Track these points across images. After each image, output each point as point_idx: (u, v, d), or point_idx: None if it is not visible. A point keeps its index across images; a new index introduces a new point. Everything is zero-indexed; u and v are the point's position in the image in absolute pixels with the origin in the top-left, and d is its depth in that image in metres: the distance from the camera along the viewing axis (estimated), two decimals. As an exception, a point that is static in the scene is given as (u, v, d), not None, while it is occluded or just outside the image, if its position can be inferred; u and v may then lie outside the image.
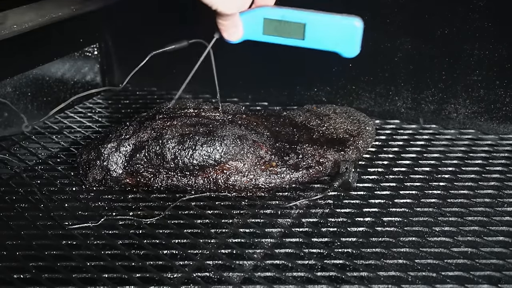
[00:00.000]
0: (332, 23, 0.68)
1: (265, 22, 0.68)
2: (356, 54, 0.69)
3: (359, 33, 0.68)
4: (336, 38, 0.68)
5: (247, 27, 0.69)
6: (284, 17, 0.68)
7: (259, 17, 0.68)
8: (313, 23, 0.68)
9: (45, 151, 0.91)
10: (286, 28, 0.68)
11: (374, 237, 0.69)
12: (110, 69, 1.17)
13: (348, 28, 0.67)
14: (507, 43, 0.89)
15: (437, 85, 0.95)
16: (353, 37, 0.68)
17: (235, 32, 0.68)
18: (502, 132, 0.93)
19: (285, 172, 0.78)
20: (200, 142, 0.76)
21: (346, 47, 0.69)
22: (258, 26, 0.69)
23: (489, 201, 0.76)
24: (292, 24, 0.68)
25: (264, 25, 0.68)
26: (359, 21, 0.68)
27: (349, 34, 0.68)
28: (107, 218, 0.73)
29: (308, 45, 0.69)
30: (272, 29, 0.69)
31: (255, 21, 0.68)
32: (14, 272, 0.64)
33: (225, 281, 0.62)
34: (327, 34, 0.68)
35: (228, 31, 0.68)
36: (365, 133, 0.87)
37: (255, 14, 0.68)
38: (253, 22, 0.69)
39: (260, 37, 0.69)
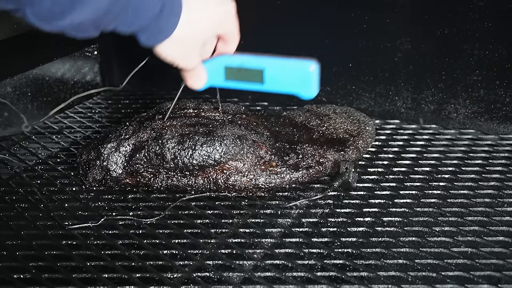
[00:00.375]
0: (289, 68, 0.71)
1: (226, 69, 0.72)
2: (313, 96, 0.71)
3: (314, 76, 0.70)
4: (294, 81, 0.71)
5: (210, 74, 0.72)
6: (243, 64, 0.71)
7: (220, 65, 0.72)
8: (271, 68, 0.71)
9: (45, 151, 0.91)
10: (246, 74, 0.72)
11: (374, 237, 0.69)
12: (110, 69, 1.17)
13: (304, 72, 0.70)
14: (507, 43, 0.89)
15: (437, 85, 0.95)
16: (309, 80, 0.70)
17: (198, 81, 0.72)
18: (502, 132, 0.93)
19: (285, 172, 0.78)
20: (200, 142, 0.76)
21: (303, 89, 0.71)
22: (219, 73, 0.72)
23: (489, 201, 0.76)
24: (251, 71, 0.71)
25: (226, 72, 0.72)
26: (314, 65, 0.70)
27: (305, 77, 0.70)
28: (107, 218, 0.73)
29: (268, 89, 0.72)
30: (233, 75, 0.72)
31: (217, 69, 0.72)
32: (14, 272, 0.64)
33: (225, 281, 0.62)
34: (285, 77, 0.71)
35: (192, 80, 0.72)
36: (365, 133, 0.87)
37: (216, 62, 0.71)
38: (215, 70, 0.72)
39: (223, 83, 0.73)
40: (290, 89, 0.72)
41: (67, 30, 0.56)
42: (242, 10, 0.70)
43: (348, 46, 0.99)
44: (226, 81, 0.73)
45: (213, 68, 0.72)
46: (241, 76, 0.72)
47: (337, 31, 0.99)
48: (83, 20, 0.54)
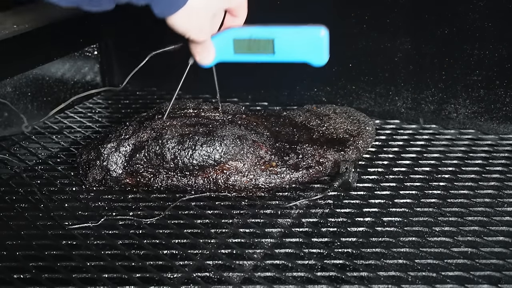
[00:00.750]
0: (299, 35, 0.71)
1: (235, 42, 0.71)
2: (325, 62, 0.72)
3: (325, 41, 0.71)
4: (304, 49, 0.71)
5: (219, 49, 0.72)
6: (252, 35, 0.71)
7: (229, 38, 0.71)
8: (281, 38, 0.71)
9: (45, 151, 0.91)
10: (256, 45, 0.71)
11: (374, 237, 0.69)
12: (110, 69, 1.17)
13: (314, 38, 0.70)
14: (507, 43, 0.88)
15: (437, 85, 0.95)
16: (320, 45, 0.71)
17: (207, 56, 0.72)
18: (502, 132, 0.93)
19: (285, 172, 0.78)
20: (200, 142, 0.76)
21: (314, 56, 0.72)
22: (228, 47, 0.72)
23: (489, 201, 0.76)
24: (261, 41, 0.71)
25: (235, 45, 0.71)
26: (324, 30, 0.70)
27: (316, 44, 0.71)
28: (107, 218, 0.73)
29: (279, 59, 0.72)
30: (242, 48, 0.72)
31: (225, 43, 0.72)
32: (14, 272, 0.64)
33: (225, 281, 0.62)
34: (296, 46, 0.71)
35: (201, 55, 0.72)
36: (365, 133, 0.87)
37: (224, 36, 0.71)
38: (224, 44, 0.72)
39: (232, 57, 0.73)
40: (301, 57, 0.72)
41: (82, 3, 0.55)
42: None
43: (348, 46, 0.99)
44: (235, 54, 0.72)
45: (222, 42, 0.71)
46: (251, 48, 0.71)
47: (337, 31, 0.99)
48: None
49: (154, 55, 0.75)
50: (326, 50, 0.71)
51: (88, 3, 0.55)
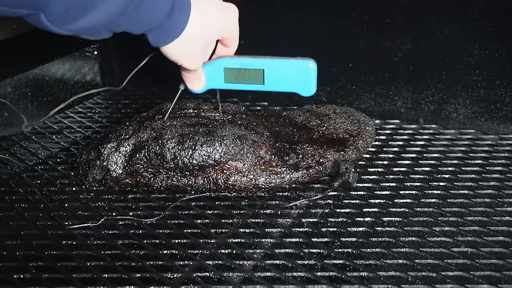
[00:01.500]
0: (289, 67, 0.72)
1: (226, 71, 0.73)
2: (313, 93, 0.74)
3: (313, 73, 0.72)
4: (294, 80, 0.73)
5: (209, 77, 0.74)
6: (243, 65, 0.72)
7: (219, 67, 0.73)
8: (271, 69, 0.72)
9: (45, 151, 0.91)
10: (246, 75, 0.73)
11: (374, 237, 0.69)
12: (110, 69, 1.17)
13: (303, 70, 0.72)
14: (507, 43, 0.88)
15: (437, 85, 0.95)
16: (309, 77, 0.73)
17: (198, 84, 0.74)
18: (502, 132, 0.93)
19: (285, 172, 0.78)
20: (200, 142, 0.76)
21: (303, 87, 0.73)
22: (219, 75, 0.73)
23: (489, 201, 0.76)
24: (251, 71, 0.73)
25: (225, 74, 0.73)
26: (312, 63, 0.72)
27: (305, 76, 0.72)
28: (107, 218, 0.73)
29: (268, 89, 0.74)
30: (232, 77, 0.73)
31: (216, 71, 0.73)
32: (14, 272, 0.64)
33: (225, 281, 0.62)
34: (285, 77, 0.73)
35: (192, 82, 0.74)
36: (365, 133, 0.87)
37: (215, 64, 0.73)
38: (215, 72, 0.73)
39: (222, 85, 0.74)
40: (290, 88, 0.74)
41: (81, 33, 0.56)
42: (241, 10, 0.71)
43: (348, 46, 0.99)
44: (225, 83, 0.74)
45: (213, 70, 0.73)
46: (241, 77, 0.73)
47: (337, 31, 0.99)
48: (96, 23, 0.55)
49: (154, 55, 0.75)
50: (314, 82, 0.73)
51: (85, 33, 0.56)
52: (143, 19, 0.59)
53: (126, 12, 0.56)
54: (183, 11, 0.62)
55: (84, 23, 0.54)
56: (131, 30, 0.60)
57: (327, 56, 1.00)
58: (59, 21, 0.53)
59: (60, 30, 0.54)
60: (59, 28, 0.54)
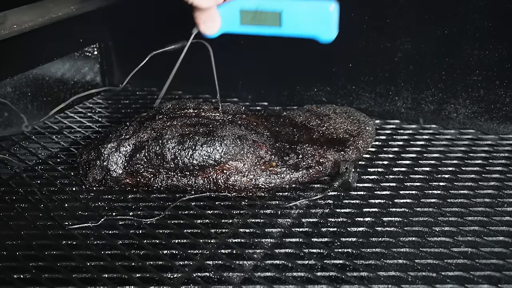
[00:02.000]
0: (307, 9, 0.69)
1: (242, 13, 0.70)
2: (333, 38, 0.70)
3: (334, 16, 0.69)
4: (312, 23, 0.70)
5: (224, 19, 0.70)
6: (260, 6, 0.69)
7: (235, 8, 0.70)
8: (289, 10, 0.69)
9: (45, 151, 0.91)
10: (263, 17, 0.70)
11: (374, 237, 0.69)
12: (110, 69, 1.17)
13: (323, 12, 0.69)
14: (507, 43, 0.88)
15: (437, 85, 0.95)
16: (328, 20, 0.69)
17: (212, 26, 0.69)
18: (502, 132, 0.93)
19: (285, 172, 0.78)
20: (200, 142, 0.76)
21: (322, 31, 0.70)
22: (235, 17, 0.70)
23: (489, 201, 0.76)
24: (268, 13, 0.70)
25: (241, 16, 0.70)
26: (333, 5, 0.69)
27: (324, 18, 0.69)
28: (107, 218, 0.73)
29: (286, 32, 0.70)
30: (249, 19, 0.70)
31: (231, 13, 0.70)
32: (14, 272, 0.64)
33: (225, 281, 0.62)
34: (303, 19, 0.70)
35: (206, 24, 0.69)
36: (365, 133, 0.87)
37: (231, 6, 0.70)
38: (230, 14, 0.70)
39: (238, 28, 0.71)
40: (309, 32, 0.71)
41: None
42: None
43: (348, 46, 0.99)
44: (241, 25, 0.71)
45: (228, 12, 0.70)
46: (258, 19, 0.70)
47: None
48: None
49: (154, 55, 0.75)
50: (335, 25, 0.70)
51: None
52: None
53: None
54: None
55: None
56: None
57: (327, 56, 1.00)
58: None
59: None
60: None
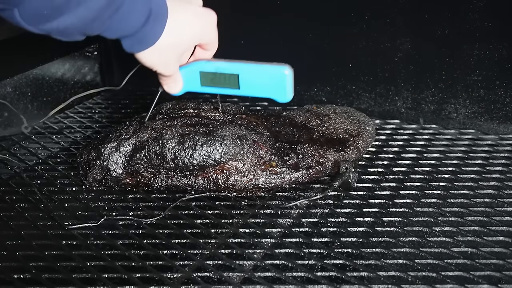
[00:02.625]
0: (263, 72, 0.71)
1: (202, 75, 0.72)
2: (289, 100, 0.72)
3: (289, 80, 0.71)
4: (269, 86, 0.71)
5: (186, 80, 0.73)
6: (218, 69, 0.71)
7: (195, 71, 0.72)
8: (246, 74, 0.71)
9: (45, 151, 0.91)
10: (221, 79, 0.72)
11: (374, 237, 0.69)
12: (110, 69, 1.17)
13: (278, 76, 0.70)
14: (507, 43, 0.89)
15: (437, 85, 0.95)
16: (284, 83, 0.71)
17: (175, 87, 0.73)
18: (502, 132, 0.93)
19: (285, 172, 0.78)
20: (200, 142, 0.76)
21: (278, 93, 0.72)
22: (195, 78, 0.72)
23: (489, 201, 0.76)
24: (226, 76, 0.71)
25: (201, 78, 0.72)
26: (288, 69, 0.70)
27: (280, 82, 0.71)
28: (107, 218, 0.73)
29: (244, 94, 0.72)
30: (208, 81, 0.72)
31: (192, 75, 0.72)
32: (14, 272, 0.64)
33: (225, 281, 0.62)
34: (260, 82, 0.71)
35: (169, 86, 0.73)
36: (365, 133, 0.87)
37: (191, 68, 0.72)
38: (191, 76, 0.72)
39: (199, 88, 0.73)
40: (265, 94, 0.72)
41: (53, 33, 0.56)
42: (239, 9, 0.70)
43: (348, 46, 0.99)
44: (202, 86, 0.73)
45: (189, 73, 0.72)
46: (216, 82, 0.72)
47: (337, 31, 0.99)
48: (70, 25, 0.55)
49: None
50: (290, 88, 0.71)
51: (58, 34, 0.56)
52: (117, 26, 0.58)
53: (100, 18, 0.56)
54: (159, 21, 0.61)
55: (57, 25, 0.54)
56: (105, 35, 0.60)
57: (327, 56, 1.00)
58: (32, 20, 0.53)
59: (32, 28, 0.54)
60: (31, 26, 0.54)
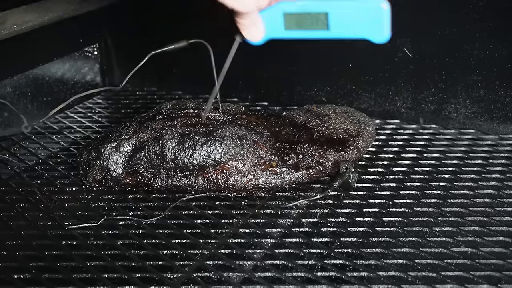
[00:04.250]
0: (356, 8, 0.64)
1: (286, 16, 0.66)
2: (386, 39, 0.65)
3: (386, 15, 0.64)
4: (363, 24, 0.64)
5: (268, 24, 0.66)
6: (304, 8, 0.65)
7: (278, 12, 0.66)
8: (336, 11, 0.64)
9: (45, 151, 0.91)
10: (308, 20, 0.65)
11: (374, 237, 0.69)
12: (110, 69, 1.17)
13: (375, 11, 0.63)
14: (507, 43, 0.88)
15: (437, 85, 0.95)
16: (381, 20, 0.63)
17: (255, 32, 0.66)
18: (502, 132, 0.93)
19: (285, 172, 0.78)
20: (200, 142, 0.76)
21: (375, 32, 0.64)
22: (278, 22, 0.66)
23: (489, 201, 0.76)
24: (313, 15, 0.65)
25: (285, 20, 0.66)
26: (385, 3, 0.63)
27: (376, 18, 0.63)
28: (107, 218, 0.73)
29: (334, 35, 0.66)
30: (293, 23, 0.66)
31: (275, 17, 0.66)
32: (14, 272, 0.64)
33: (225, 281, 0.62)
34: (353, 20, 0.64)
35: (249, 30, 0.66)
36: (365, 133, 0.87)
37: (273, 10, 0.65)
38: (273, 19, 0.66)
39: (283, 33, 0.67)
40: (359, 34, 0.65)
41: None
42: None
43: (348, 46, 0.99)
44: (286, 30, 0.67)
45: (271, 16, 0.66)
46: (303, 23, 0.66)
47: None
48: None
49: (154, 55, 0.75)
50: (388, 25, 0.64)
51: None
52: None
53: None
54: None
55: None
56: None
57: (327, 56, 1.00)
58: None
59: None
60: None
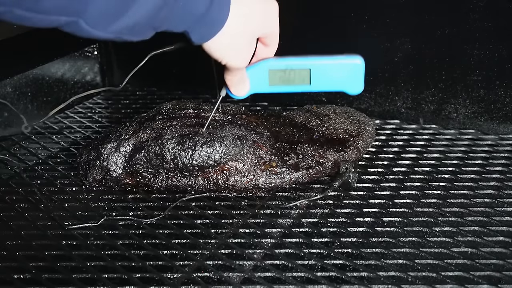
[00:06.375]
0: (336, 65, 0.70)
1: (270, 73, 0.70)
2: (361, 91, 0.72)
3: (362, 70, 0.70)
4: (341, 79, 0.71)
5: (253, 80, 0.71)
6: (288, 66, 0.70)
7: (264, 69, 0.70)
8: (318, 68, 0.70)
9: (45, 151, 0.91)
10: (291, 76, 0.71)
11: (374, 237, 0.69)
12: (110, 69, 1.17)
13: (352, 68, 0.70)
14: (507, 43, 0.89)
15: (437, 85, 0.95)
16: (358, 75, 0.70)
17: (243, 88, 0.71)
18: (502, 132, 0.93)
19: (285, 172, 0.78)
20: (200, 143, 0.76)
21: (351, 85, 0.72)
22: (263, 78, 0.71)
23: (489, 201, 0.76)
24: (297, 72, 0.70)
25: (269, 76, 0.70)
26: (360, 59, 0.70)
27: (353, 73, 0.70)
28: (107, 218, 0.73)
29: (315, 89, 0.71)
30: (277, 79, 0.71)
31: (260, 74, 0.70)
32: (14, 272, 0.64)
33: (225, 281, 0.62)
34: (332, 76, 0.71)
35: (237, 87, 0.70)
36: (365, 133, 0.87)
37: (259, 66, 0.70)
38: (259, 75, 0.71)
39: (266, 88, 0.71)
40: (337, 87, 0.71)
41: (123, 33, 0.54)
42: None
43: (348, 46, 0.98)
44: (270, 86, 0.71)
45: (256, 73, 0.70)
46: (286, 79, 0.71)
47: (337, 31, 0.99)
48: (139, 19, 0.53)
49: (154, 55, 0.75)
50: (362, 79, 0.71)
51: (128, 33, 0.54)
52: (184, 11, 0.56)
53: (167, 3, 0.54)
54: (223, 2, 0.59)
55: (127, 21, 0.52)
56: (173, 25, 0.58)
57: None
58: (100, 23, 0.51)
59: (102, 33, 0.52)
60: (101, 31, 0.52)
